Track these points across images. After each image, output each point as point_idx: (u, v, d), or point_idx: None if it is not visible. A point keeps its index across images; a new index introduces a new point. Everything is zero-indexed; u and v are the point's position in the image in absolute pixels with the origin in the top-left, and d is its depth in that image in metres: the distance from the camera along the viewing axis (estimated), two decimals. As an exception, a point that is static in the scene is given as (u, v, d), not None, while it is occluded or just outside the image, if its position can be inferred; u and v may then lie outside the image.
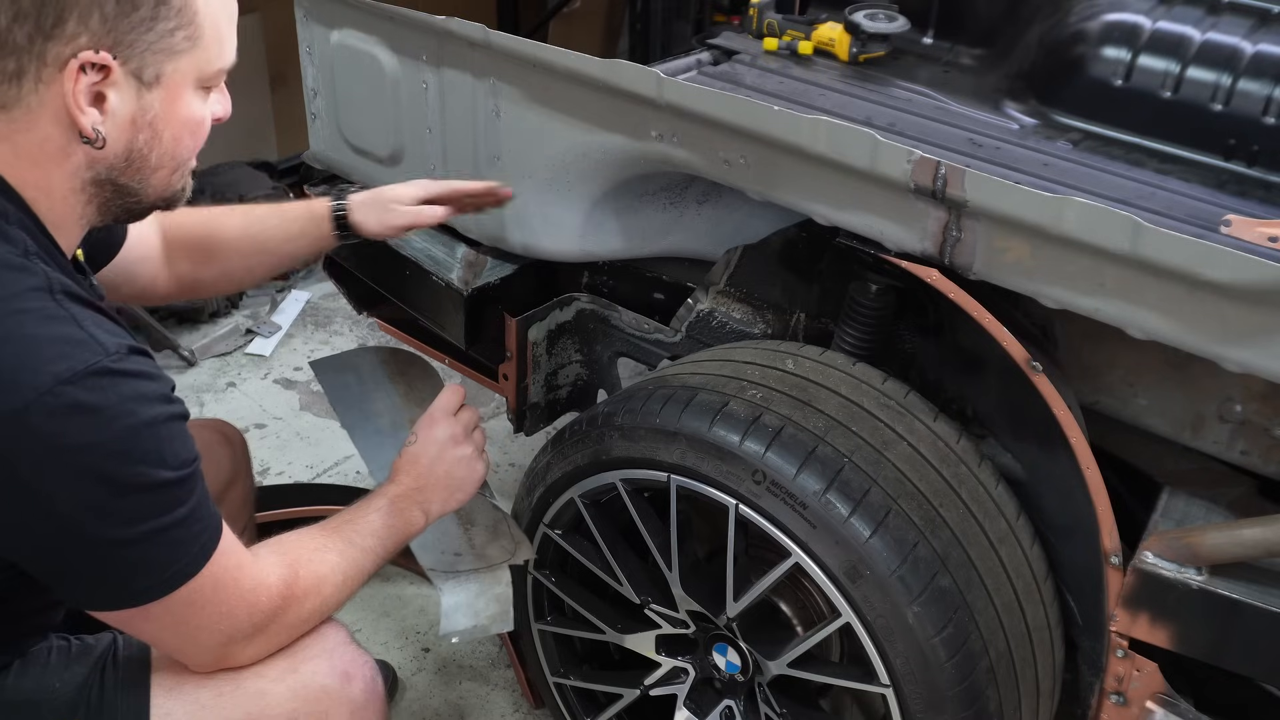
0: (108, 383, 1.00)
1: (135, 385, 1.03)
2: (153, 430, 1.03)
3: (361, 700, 1.26)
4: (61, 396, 0.97)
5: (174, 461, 1.05)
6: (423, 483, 1.42)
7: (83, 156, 1.07)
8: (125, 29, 1.02)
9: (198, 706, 1.19)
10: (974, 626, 1.35)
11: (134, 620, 1.12)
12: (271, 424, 2.85)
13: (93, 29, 1.01)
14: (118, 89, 1.05)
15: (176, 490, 1.06)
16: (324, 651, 1.25)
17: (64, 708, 1.19)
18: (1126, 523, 1.34)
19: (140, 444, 1.02)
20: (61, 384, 0.97)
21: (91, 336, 1.02)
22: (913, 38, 1.92)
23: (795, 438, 1.39)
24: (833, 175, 1.35)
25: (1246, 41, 1.56)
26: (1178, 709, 1.33)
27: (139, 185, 1.12)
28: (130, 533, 1.03)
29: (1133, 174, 1.52)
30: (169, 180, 1.14)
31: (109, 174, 1.09)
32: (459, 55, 1.70)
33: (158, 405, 1.04)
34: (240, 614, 1.16)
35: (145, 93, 1.06)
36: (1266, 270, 1.07)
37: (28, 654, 1.22)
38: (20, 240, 1.05)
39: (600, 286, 1.97)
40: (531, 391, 1.95)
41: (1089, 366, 1.51)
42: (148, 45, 1.04)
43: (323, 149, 2.08)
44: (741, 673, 1.59)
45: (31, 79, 1.02)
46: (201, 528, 1.10)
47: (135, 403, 1.02)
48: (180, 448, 1.06)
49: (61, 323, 1.02)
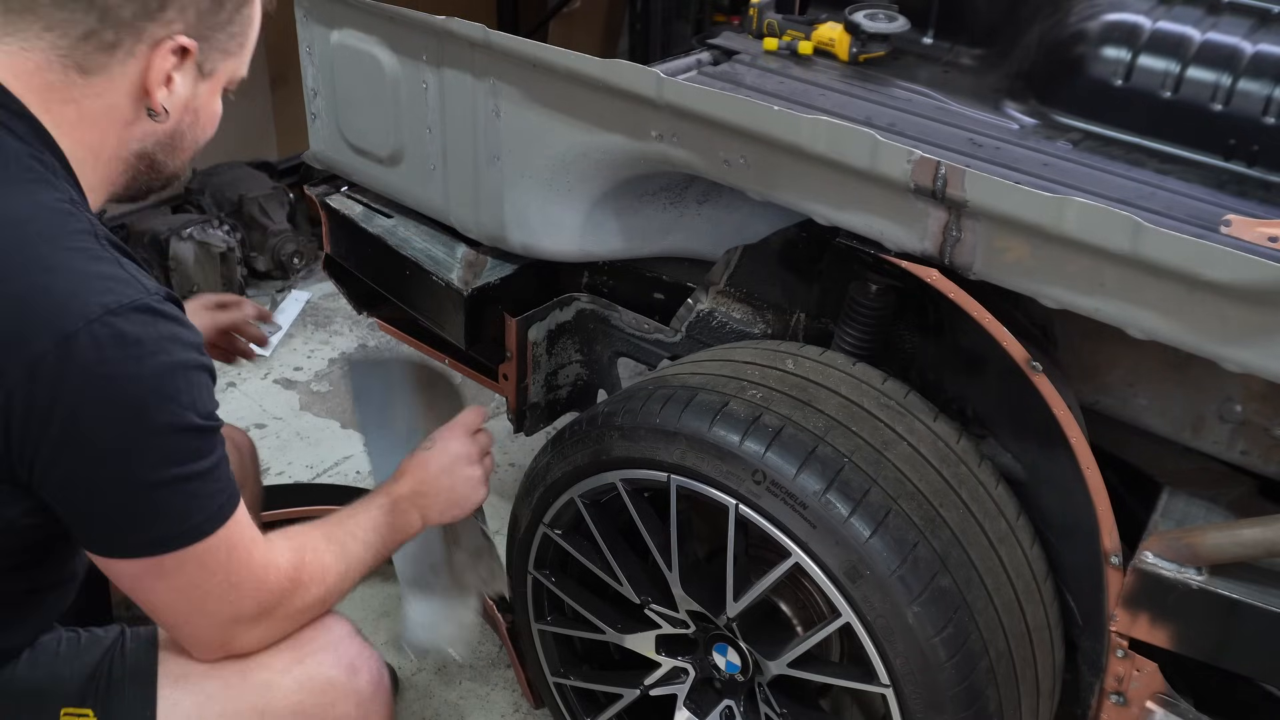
0: (150, 319, 1.05)
1: (173, 328, 1.07)
2: (186, 374, 1.07)
3: (368, 693, 1.28)
4: (109, 325, 1.02)
5: (203, 410, 1.09)
6: (426, 488, 1.44)
7: (140, 129, 1.16)
8: (209, 25, 1.15)
9: (204, 697, 1.20)
10: (974, 626, 1.35)
11: (146, 576, 1.13)
12: (271, 424, 2.85)
13: (188, 19, 1.12)
14: (184, 74, 1.15)
15: (203, 440, 1.09)
16: (330, 644, 1.27)
17: (73, 698, 1.20)
18: (1126, 523, 1.34)
19: (175, 382, 1.06)
20: (109, 314, 1.02)
21: (134, 277, 1.07)
22: (913, 38, 1.93)
23: (795, 438, 1.39)
24: (833, 175, 1.35)
25: (1246, 41, 1.56)
26: (1178, 709, 1.33)
27: (169, 162, 1.22)
28: (156, 475, 1.06)
29: (1133, 174, 1.52)
30: (184, 161, 1.24)
31: (154, 148, 1.19)
32: (459, 55, 1.70)
33: (192, 352, 1.09)
34: (248, 588, 1.18)
35: (201, 82, 1.18)
36: (1266, 270, 1.07)
37: (37, 645, 1.23)
38: (67, 191, 1.11)
39: (600, 286, 1.97)
40: (531, 391, 1.95)
41: (1089, 366, 1.51)
42: (218, 43, 1.17)
43: (323, 149, 2.08)
44: (741, 673, 1.59)
45: (124, 52, 1.11)
46: (221, 487, 1.12)
47: (172, 343, 1.06)
48: (209, 399, 1.11)
49: (108, 263, 1.07)
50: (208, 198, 3.47)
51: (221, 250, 3.29)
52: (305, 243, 3.47)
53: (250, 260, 3.46)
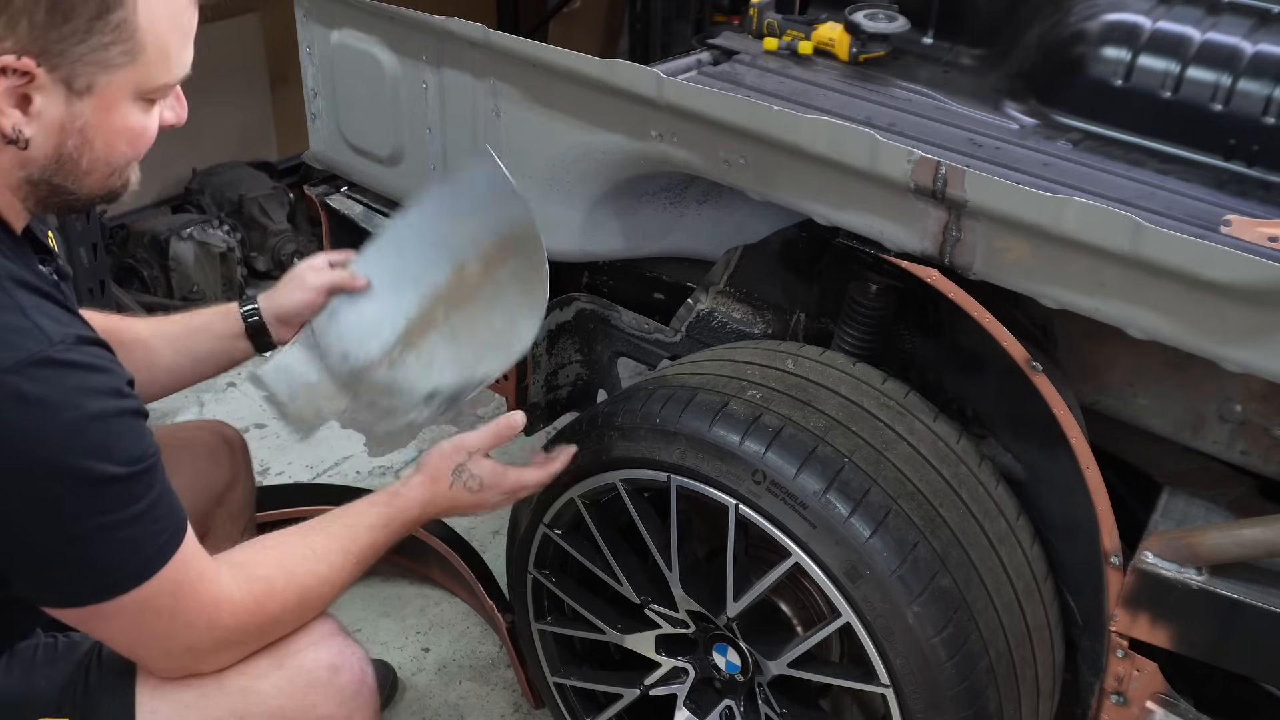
0: (51, 373, 0.99)
1: (82, 377, 1.02)
2: (100, 424, 1.02)
3: (351, 691, 1.24)
4: (4, 386, 0.96)
5: (123, 457, 1.03)
6: (437, 507, 1.39)
7: (11, 155, 1.06)
8: (55, 39, 1.01)
9: (182, 706, 1.18)
10: (974, 626, 1.35)
11: (88, 621, 1.10)
12: (271, 424, 2.85)
13: (19, 34, 1.00)
14: (44, 94, 1.04)
15: (126, 487, 1.04)
16: (310, 644, 1.23)
17: (50, 705, 1.19)
18: (1126, 523, 1.34)
19: (86, 438, 1.00)
20: (3, 373, 0.97)
21: (36, 325, 1.01)
22: (913, 38, 1.92)
23: (795, 438, 1.39)
24: (833, 175, 1.35)
25: (1246, 41, 1.56)
26: (1178, 709, 1.33)
27: (73, 185, 1.11)
28: (77, 530, 1.02)
29: (1133, 174, 1.52)
30: (104, 182, 1.13)
31: (42, 174, 1.08)
32: (459, 55, 1.70)
33: (107, 399, 1.03)
34: (200, 627, 1.14)
35: (75, 100, 1.05)
36: (1266, 270, 1.07)
37: (14, 652, 1.22)
38: None
39: (600, 286, 1.97)
40: (531, 391, 1.95)
41: (1089, 366, 1.51)
42: (79, 56, 1.03)
43: (323, 149, 2.08)
44: (741, 673, 1.59)
45: None
46: (159, 529, 1.07)
47: (81, 395, 1.01)
48: (131, 443, 1.04)
49: (5, 311, 1.01)
50: (208, 198, 3.47)
51: (221, 250, 3.29)
52: (305, 243, 3.47)
53: (250, 260, 3.46)
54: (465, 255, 1.56)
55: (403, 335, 1.59)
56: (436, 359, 1.57)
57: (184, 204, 3.48)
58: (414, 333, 1.59)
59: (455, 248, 1.56)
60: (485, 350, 1.54)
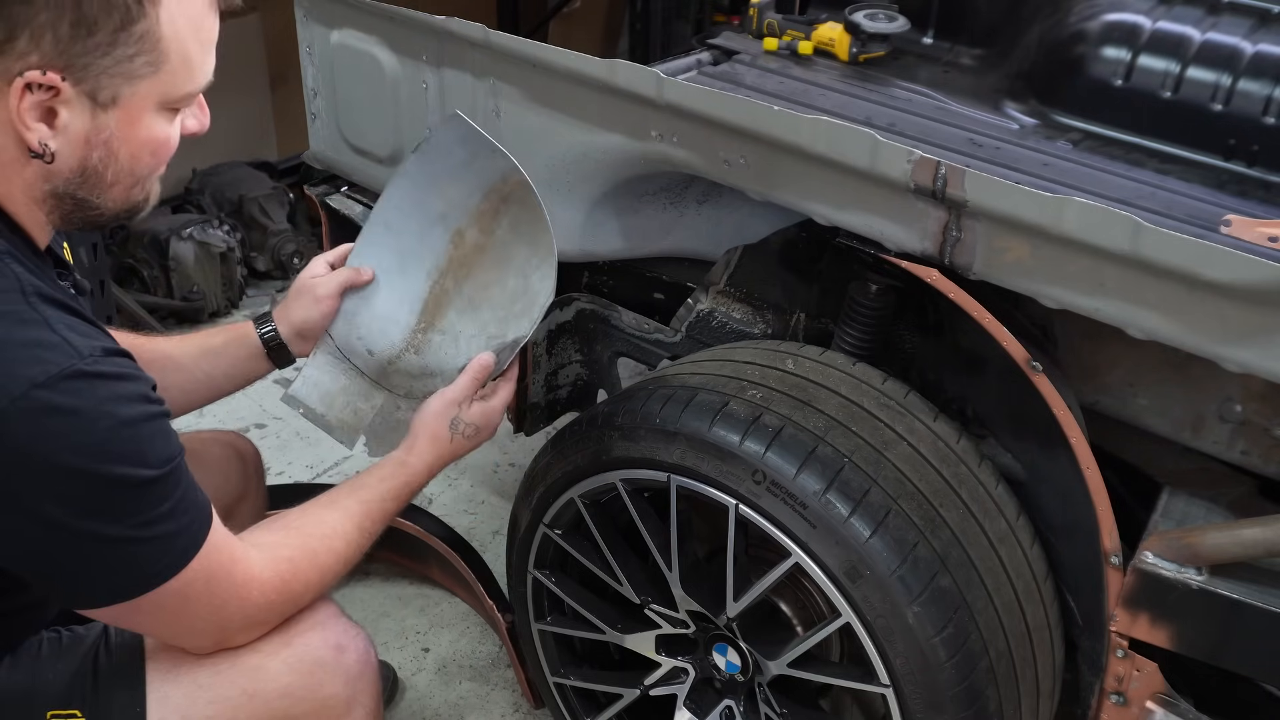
0: (83, 385, 1.01)
1: (111, 387, 1.04)
2: (132, 430, 1.04)
3: (356, 670, 1.28)
4: (37, 401, 0.98)
5: (155, 460, 1.05)
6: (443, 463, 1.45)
7: (37, 169, 1.07)
8: (79, 52, 1.02)
9: (194, 687, 1.20)
10: (974, 626, 1.35)
11: (126, 615, 1.12)
12: (271, 424, 2.85)
13: (44, 49, 1.01)
14: (70, 107, 1.04)
15: (159, 487, 1.06)
16: (316, 624, 1.27)
17: (58, 699, 1.20)
18: (1126, 523, 1.34)
19: (120, 444, 1.03)
20: (36, 388, 0.98)
21: (64, 340, 1.02)
22: (913, 38, 1.92)
23: (795, 438, 1.39)
24: (833, 175, 1.35)
25: (1246, 41, 1.56)
26: (1178, 709, 1.33)
27: (98, 199, 1.12)
28: (115, 531, 1.04)
29: (1133, 174, 1.52)
30: (128, 195, 1.15)
31: (66, 188, 1.09)
32: (459, 55, 1.70)
33: (136, 405, 1.05)
34: (232, 607, 1.17)
35: (100, 113, 1.06)
36: (1266, 270, 1.07)
37: (18, 648, 1.23)
38: None
39: (600, 286, 1.97)
40: (531, 391, 1.95)
41: (1089, 366, 1.51)
42: (103, 69, 1.04)
43: (323, 149, 2.08)
44: (741, 673, 1.59)
45: None
46: (188, 520, 1.10)
47: (113, 404, 1.03)
48: (161, 445, 1.07)
49: (34, 326, 1.02)
50: (208, 198, 3.47)
51: (221, 250, 3.29)
52: (305, 243, 3.47)
53: (250, 260, 3.46)
54: (459, 222, 1.56)
55: (420, 316, 1.59)
56: (461, 332, 1.58)
57: (184, 204, 3.48)
58: (431, 312, 1.60)
59: (446, 216, 1.57)
60: (508, 312, 1.54)
